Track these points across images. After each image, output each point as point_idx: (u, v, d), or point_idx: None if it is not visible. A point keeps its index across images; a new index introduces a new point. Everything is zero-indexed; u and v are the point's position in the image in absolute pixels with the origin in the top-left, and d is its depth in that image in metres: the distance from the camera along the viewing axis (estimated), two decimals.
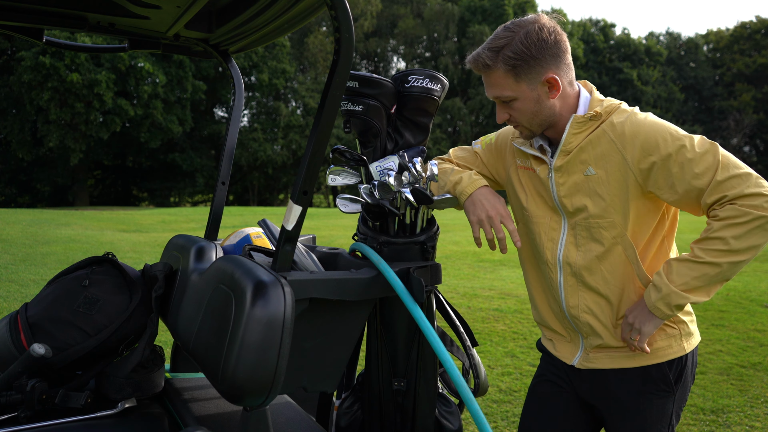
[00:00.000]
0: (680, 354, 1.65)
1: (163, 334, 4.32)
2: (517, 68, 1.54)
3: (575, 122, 1.58)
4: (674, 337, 1.64)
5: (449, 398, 2.00)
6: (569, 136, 1.59)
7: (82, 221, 15.62)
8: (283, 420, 1.91)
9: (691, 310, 1.71)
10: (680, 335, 1.65)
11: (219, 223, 2.29)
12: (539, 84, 1.56)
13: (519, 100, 1.58)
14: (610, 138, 1.56)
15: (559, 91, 1.58)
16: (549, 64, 1.55)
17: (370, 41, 43.17)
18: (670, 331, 1.64)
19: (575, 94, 1.63)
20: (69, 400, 1.73)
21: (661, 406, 1.65)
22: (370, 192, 1.73)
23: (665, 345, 1.64)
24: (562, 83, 1.58)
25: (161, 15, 1.89)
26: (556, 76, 1.55)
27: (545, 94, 1.57)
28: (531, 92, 1.57)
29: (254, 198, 39.88)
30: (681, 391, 1.67)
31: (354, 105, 1.74)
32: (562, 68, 1.58)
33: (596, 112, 1.57)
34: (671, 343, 1.64)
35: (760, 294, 7.39)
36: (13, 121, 31.32)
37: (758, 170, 1.53)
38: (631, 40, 49.04)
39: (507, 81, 1.57)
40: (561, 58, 1.57)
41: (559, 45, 1.56)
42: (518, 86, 1.57)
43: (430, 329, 1.59)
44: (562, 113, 1.61)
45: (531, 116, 1.60)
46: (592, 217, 1.59)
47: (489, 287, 7.46)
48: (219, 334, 1.50)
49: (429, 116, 1.83)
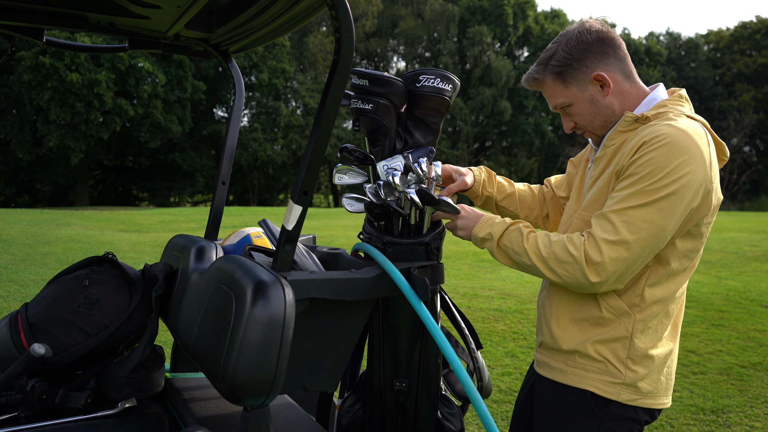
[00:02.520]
0: (611, 397, 1.51)
1: (163, 334, 4.32)
2: (563, 74, 1.56)
3: (623, 120, 1.55)
4: (611, 376, 1.51)
5: (451, 400, 1.99)
6: (614, 132, 1.57)
7: (82, 221, 15.62)
8: (283, 420, 1.91)
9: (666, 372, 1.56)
10: (622, 383, 1.51)
11: (219, 223, 2.29)
12: (589, 84, 1.56)
13: (574, 105, 1.59)
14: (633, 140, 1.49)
15: (611, 87, 1.56)
16: (595, 62, 1.55)
17: (370, 41, 43.15)
18: (611, 368, 1.51)
19: (638, 93, 1.59)
20: (69, 400, 1.73)
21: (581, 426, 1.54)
22: (376, 191, 1.73)
23: (597, 378, 1.52)
24: (614, 79, 1.56)
25: (161, 15, 1.89)
26: (603, 72, 1.54)
27: (598, 92, 1.57)
28: (582, 94, 1.57)
29: (254, 198, 39.87)
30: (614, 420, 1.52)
31: (364, 103, 1.74)
32: (612, 63, 1.56)
33: (643, 115, 1.51)
34: (605, 380, 1.52)
35: (760, 294, 7.39)
36: (13, 121, 31.29)
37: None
38: (632, 40, 49.04)
39: (557, 89, 1.59)
40: (608, 54, 1.56)
41: (604, 42, 1.55)
42: (568, 91, 1.58)
43: (437, 329, 1.58)
44: (624, 111, 1.58)
45: (590, 118, 1.60)
46: (584, 209, 1.59)
47: (489, 287, 7.46)
48: (219, 334, 1.50)
49: (440, 116, 1.83)
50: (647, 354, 1.52)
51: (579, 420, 1.54)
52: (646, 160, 1.40)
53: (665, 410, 3.78)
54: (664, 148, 1.39)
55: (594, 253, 1.41)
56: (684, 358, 4.82)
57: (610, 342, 1.51)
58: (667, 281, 1.51)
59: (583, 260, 1.42)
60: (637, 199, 1.40)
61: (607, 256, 1.40)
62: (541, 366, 1.66)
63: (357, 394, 2.01)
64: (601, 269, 1.41)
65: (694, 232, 1.49)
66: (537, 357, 1.70)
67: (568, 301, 1.58)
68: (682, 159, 1.38)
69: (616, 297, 1.50)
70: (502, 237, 1.57)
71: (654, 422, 3.59)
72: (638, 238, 1.39)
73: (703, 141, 1.43)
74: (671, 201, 1.38)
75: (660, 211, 1.39)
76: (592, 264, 1.42)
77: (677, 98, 1.56)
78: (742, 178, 46.47)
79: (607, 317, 1.51)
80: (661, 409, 1.59)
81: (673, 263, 1.50)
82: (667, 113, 1.49)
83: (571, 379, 1.56)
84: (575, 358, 1.55)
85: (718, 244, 12.87)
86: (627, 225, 1.39)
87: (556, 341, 1.59)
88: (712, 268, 9.57)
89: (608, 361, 1.51)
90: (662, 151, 1.39)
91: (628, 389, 1.51)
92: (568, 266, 1.44)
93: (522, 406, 1.82)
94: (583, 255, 1.42)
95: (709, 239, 14.00)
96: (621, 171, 1.47)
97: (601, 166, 1.58)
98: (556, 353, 1.61)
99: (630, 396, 1.52)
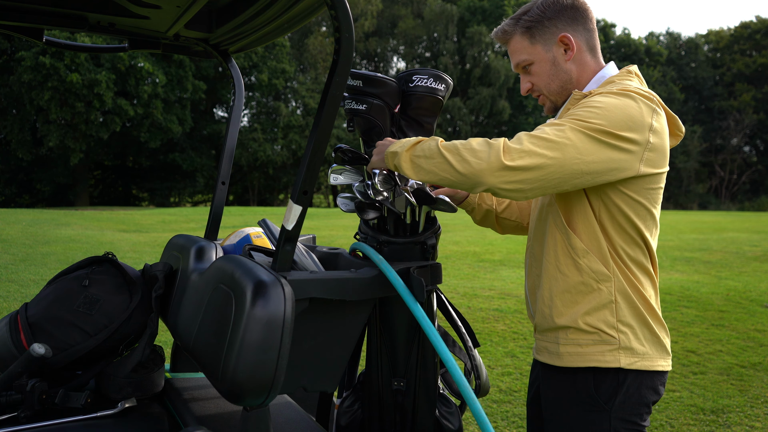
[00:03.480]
0: (612, 365, 1.50)
1: (163, 334, 4.32)
2: (531, 29, 1.60)
3: (573, 97, 1.57)
4: (607, 344, 1.50)
5: (450, 399, 2.00)
6: (563, 110, 1.59)
7: (82, 221, 15.62)
8: (283, 420, 1.91)
9: (657, 333, 1.55)
10: (618, 347, 1.50)
11: (219, 223, 2.29)
12: (554, 45, 1.60)
13: (536, 64, 1.62)
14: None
15: (574, 52, 1.59)
16: (564, 25, 1.59)
17: (370, 41, 43.16)
18: (605, 336, 1.50)
19: (596, 68, 1.63)
20: (69, 400, 1.73)
21: (591, 422, 1.52)
22: (364, 190, 1.73)
23: (595, 351, 1.51)
24: (578, 45, 1.60)
25: (161, 15, 1.89)
26: (569, 35, 1.58)
27: (561, 55, 1.60)
28: (546, 53, 1.61)
29: (254, 198, 39.87)
30: (621, 409, 1.51)
31: (358, 104, 1.74)
32: (580, 31, 1.60)
33: (591, 92, 1.53)
34: (603, 350, 1.50)
35: (760, 294, 7.39)
36: (13, 121, 31.29)
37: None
38: (632, 40, 49.09)
39: (523, 44, 1.62)
40: (579, 21, 1.60)
41: (577, 9, 1.60)
42: (534, 48, 1.61)
43: (432, 329, 1.59)
44: (580, 83, 1.62)
45: (548, 80, 1.62)
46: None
47: (489, 287, 7.46)
48: (219, 334, 1.50)
49: (433, 116, 1.83)
50: (636, 314, 1.52)
51: (587, 417, 1.53)
52: (592, 102, 1.44)
53: (665, 410, 3.78)
54: (613, 103, 1.43)
55: (513, 141, 1.40)
56: (684, 358, 4.83)
57: (598, 310, 1.51)
58: (634, 241, 1.52)
59: (500, 146, 1.40)
60: (576, 122, 1.41)
61: (526, 145, 1.38)
62: (540, 352, 1.66)
63: (355, 393, 2.01)
64: (515, 154, 1.38)
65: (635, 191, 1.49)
66: (536, 343, 1.70)
67: (547, 276, 1.58)
68: (631, 119, 1.41)
69: (596, 260, 1.50)
70: (414, 147, 1.52)
71: (654, 422, 3.60)
72: (562, 144, 1.38)
73: (649, 111, 1.45)
74: (607, 138, 1.40)
75: (589, 138, 1.39)
76: (508, 150, 1.39)
77: (626, 73, 1.59)
78: (742, 178, 46.49)
79: (589, 283, 1.51)
80: (664, 380, 1.58)
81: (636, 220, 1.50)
82: (614, 86, 1.51)
83: (568, 360, 1.54)
84: (567, 334, 1.55)
85: (718, 244, 12.88)
86: (556, 129, 1.40)
87: (546, 319, 1.59)
88: (712, 268, 9.57)
89: (600, 331, 1.51)
90: (617, 101, 1.43)
91: (626, 352, 1.51)
92: (481, 153, 1.40)
93: (532, 400, 1.82)
94: (502, 142, 1.41)
95: (709, 239, 14.05)
96: None
97: None
98: (549, 333, 1.60)
99: (629, 359, 1.50)
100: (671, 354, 1.60)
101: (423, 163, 1.48)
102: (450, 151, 1.45)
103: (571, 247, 1.53)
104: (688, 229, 17.86)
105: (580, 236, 1.52)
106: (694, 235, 15.29)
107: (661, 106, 1.52)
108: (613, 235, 1.51)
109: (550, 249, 1.57)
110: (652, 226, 1.55)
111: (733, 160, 46.60)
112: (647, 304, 1.54)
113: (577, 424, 1.56)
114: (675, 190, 46.79)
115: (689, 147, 44.37)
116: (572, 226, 1.53)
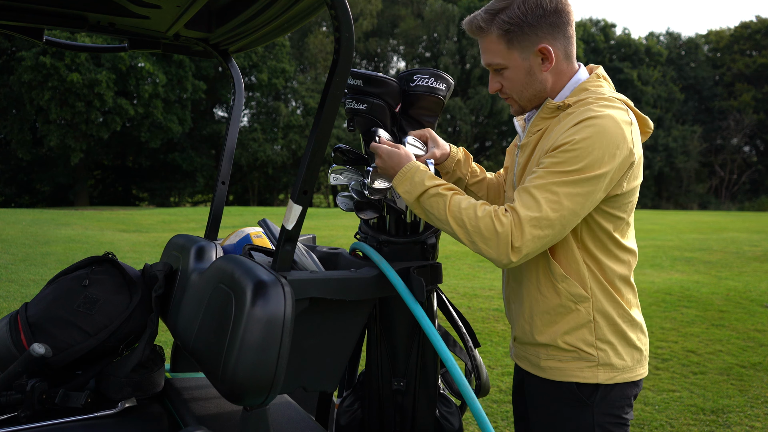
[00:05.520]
0: (591, 381, 1.52)
1: (163, 334, 4.32)
2: (510, 33, 1.48)
3: (546, 107, 1.53)
4: (586, 361, 1.52)
5: (450, 398, 2.00)
6: (537, 118, 1.55)
7: (82, 221, 15.62)
8: (283, 420, 1.91)
9: (636, 343, 1.56)
10: (597, 364, 1.52)
11: (219, 222, 2.29)
12: (532, 54, 1.50)
13: (510, 69, 1.53)
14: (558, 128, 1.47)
15: (552, 64, 1.51)
16: (545, 34, 1.48)
17: (370, 41, 43.16)
18: (583, 354, 1.52)
19: (570, 74, 1.55)
20: (69, 400, 1.73)
21: (574, 416, 1.55)
22: (360, 189, 1.73)
23: (574, 367, 1.53)
24: (557, 56, 1.51)
25: (161, 14, 1.89)
26: (549, 46, 1.49)
27: (538, 65, 1.52)
28: (523, 62, 1.51)
29: (254, 198, 39.87)
30: (604, 405, 1.54)
31: (358, 104, 1.74)
32: (560, 40, 1.50)
33: (564, 103, 1.50)
34: (581, 366, 1.52)
35: (760, 294, 7.39)
36: (13, 121, 31.28)
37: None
38: (632, 40, 49.00)
39: (499, 47, 1.51)
40: (560, 28, 1.50)
41: (559, 14, 1.49)
42: (510, 54, 1.51)
43: (432, 328, 1.59)
44: (554, 90, 1.55)
45: (521, 88, 1.55)
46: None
47: (489, 287, 7.46)
48: (219, 334, 1.50)
49: (434, 116, 1.83)
50: (614, 331, 1.53)
51: (571, 412, 1.55)
52: (574, 141, 1.39)
53: (665, 410, 3.79)
54: (594, 133, 1.39)
55: (517, 234, 1.40)
56: (684, 358, 4.82)
57: (577, 329, 1.52)
58: (614, 255, 1.53)
59: (508, 240, 1.40)
60: (561, 175, 1.39)
61: (529, 234, 1.39)
62: (520, 359, 1.68)
63: (355, 393, 2.01)
64: (523, 248, 1.40)
65: (617, 208, 1.50)
66: (515, 351, 1.71)
67: (528, 295, 1.58)
68: (609, 146, 1.39)
69: (575, 284, 1.50)
70: (424, 198, 1.52)
71: (654, 422, 3.60)
72: (560, 216, 1.39)
73: (627, 126, 1.43)
74: (594, 182, 1.39)
75: (583, 191, 1.39)
76: (515, 247, 1.40)
77: (595, 78, 1.55)
78: (742, 178, 46.47)
79: (568, 305, 1.52)
80: (642, 379, 1.60)
81: (616, 234, 1.51)
82: (587, 99, 1.48)
83: (550, 373, 1.57)
84: (548, 351, 1.56)
85: (718, 244, 12.88)
86: (549, 202, 1.39)
87: (527, 335, 1.60)
88: (712, 268, 9.57)
89: (579, 349, 1.52)
90: (591, 133, 1.39)
91: (605, 368, 1.52)
92: (490, 242, 1.42)
93: (517, 388, 1.83)
94: (509, 234, 1.40)
95: (709, 239, 14.04)
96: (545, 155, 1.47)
97: (527, 153, 1.57)
98: (529, 347, 1.62)
99: (608, 375, 1.52)
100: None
101: (434, 220, 1.52)
102: (459, 225, 1.46)
103: (551, 272, 1.53)
104: (688, 229, 17.86)
105: (560, 261, 1.52)
106: (694, 235, 15.29)
107: (631, 109, 1.52)
108: (595, 252, 1.52)
109: (532, 271, 1.58)
110: (629, 233, 1.57)
111: (733, 160, 46.58)
112: (627, 315, 1.55)
113: (560, 417, 1.58)
114: (675, 190, 46.79)
115: (689, 147, 44.37)
116: (552, 252, 1.53)
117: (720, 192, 47.35)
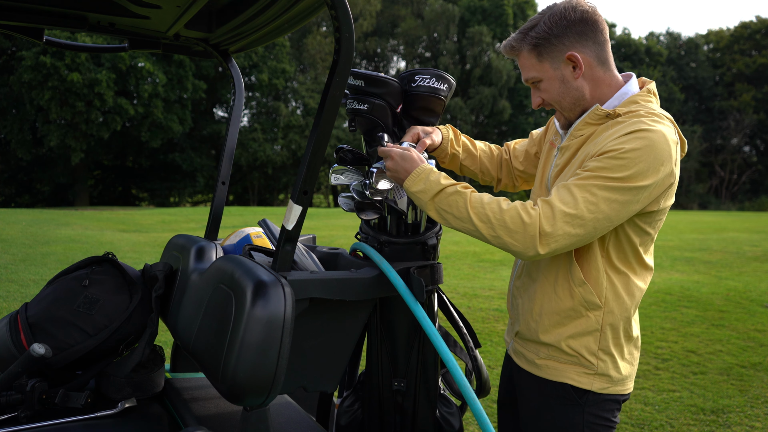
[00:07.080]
0: (585, 387, 1.55)
1: (163, 334, 4.32)
2: (539, 47, 1.54)
3: (593, 112, 1.54)
4: (584, 368, 1.55)
5: (450, 399, 2.00)
6: (582, 123, 1.56)
7: (82, 221, 15.62)
8: (283, 420, 1.91)
9: (631, 356, 1.60)
10: (595, 373, 1.55)
11: (219, 223, 2.29)
12: (562, 63, 1.54)
13: (545, 81, 1.57)
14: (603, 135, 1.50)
15: (582, 70, 1.53)
16: (572, 42, 1.52)
17: (370, 41, 43.17)
18: (583, 361, 1.55)
19: (611, 82, 1.57)
20: (69, 400, 1.73)
21: (564, 414, 1.58)
22: (362, 190, 1.73)
23: (571, 370, 1.56)
24: (588, 62, 1.53)
25: (161, 15, 1.89)
26: (577, 53, 1.52)
27: (570, 73, 1.55)
28: (555, 72, 1.55)
29: (254, 198, 39.87)
30: (594, 407, 1.57)
31: (359, 104, 1.74)
32: (589, 47, 1.53)
33: (614, 111, 1.51)
34: (579, 371, 1.56)
35: (760, 294, 7.39)
36: (13, 121, 31.29)
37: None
38: (632, 40, 49.05)
39: (531, 61, 1.57)
40: (588, 36, 1.52)
41: (586, 23, 1.52)
42: (541, 66, 1.56)
43: (433, 329, 1.59)
44: (596, 98, 1.57)
45: (559, 98, 1.58)
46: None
47: (489, 287, 7.46)
48: (219, 334, 1.50)
49: (435, 116, 1.83)
50: (617, 344, 1.56)
51: (562, 409, 1.58)
52: (623, 150, 1.40)
53: (665, 410, 3.79)
54: (644, 146, 1.40)
55: (547, 224, 1.39)
56: (684, 358, 4.82)
57: (582, 336, 1.54)
58: (633, 274, 1.55)
59: (536, 230, 1.40)
60: (604, 180, 1.40)
61: (560, 229, 1.39)
62: (517, 355, 1.69)
63: (356, 394, 2.01)
64: (552, 240, 1.40)
65: (648, 223, 1.52)
66: (513, 345, 1.71)
67: (542, 293, 1.60)
68: (656, 161, 1.40)
69: (591, 291, 1.52)
70: (440, 197, 1.52)
71: (654, 422, 3.60)
72: (594, 219, 1.40)
73: (674, 144, 1.46)
74: (634, 193, 1.40)
75: (622, 199, 1.40)
76: (544, 235, 1.40)
77: (646, 93, 1.56)
78: (742, 178, 46.46)
79: (579, 310, 1.53)
80: (629, 393, 1.65)
81: (641, 248, 1.54)
82: (638, 111, 1.49)
83: (546, 372, 1.59)
84: (548, 351, 1.58)
85: (718, 244, 12.88)
86: (587, 202, 1.39)
87: (531, 332, 1.62)
88: (712, 268, 9.56)
89: (580, 355, 1.55)
90: (641, 145, 1.40)
91: (601, 378, 1.55)
92: (516, 234, 1.42)
93: (507, 382, 1.84)
94: (537, 225, 1.40)
95: (709, 239, 14.05)
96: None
97: (567, 156, 1.58)
98: (530, 344, 1.64)
99: (602, 385, 1.56)
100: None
101: (451, 219, 1.51)
102: (482, 220, 1.45)
103: (570, 275, 1.54)
104: (688, 229, 17.86)
105: (582, 266, 1.54)
106: (694, 235, 15.29)
107: (676, 129, 1.53)
108: (617, 264, 1.53)
109: (551, 270, 1.58)
110: (650, 251, 1.59)
111: (733, 160, 46.57)
112: (630, 330, 1.58)
113: (551, 414, 1.60)
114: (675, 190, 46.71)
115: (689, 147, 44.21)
116: (576, 255, 1.54)
117: (720, 192, 47.34)
